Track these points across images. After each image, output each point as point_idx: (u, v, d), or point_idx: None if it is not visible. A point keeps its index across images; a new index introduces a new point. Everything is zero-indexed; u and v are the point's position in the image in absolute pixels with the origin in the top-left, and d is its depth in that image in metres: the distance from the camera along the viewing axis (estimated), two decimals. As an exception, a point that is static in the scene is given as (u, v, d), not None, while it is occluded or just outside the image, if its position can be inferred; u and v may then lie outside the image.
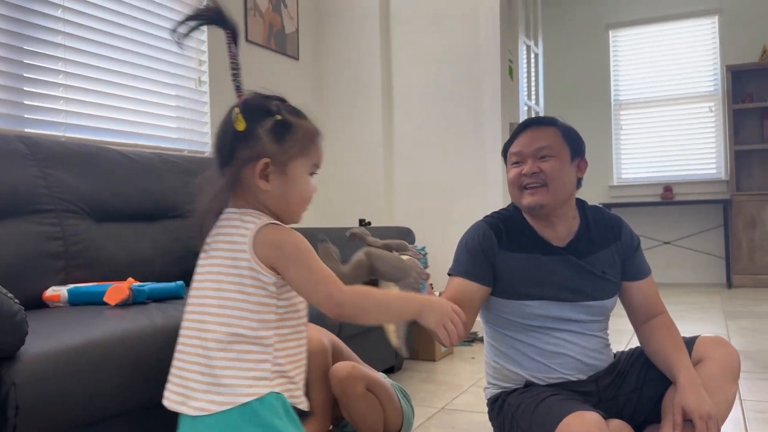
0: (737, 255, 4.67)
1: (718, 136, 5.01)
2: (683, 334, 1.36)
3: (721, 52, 4.94)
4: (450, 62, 3.10)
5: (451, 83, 3.10)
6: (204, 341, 0.91)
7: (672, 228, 5.13)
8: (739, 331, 3.04)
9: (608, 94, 5.37)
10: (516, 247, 1.40)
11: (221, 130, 0.97)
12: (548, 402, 1.29)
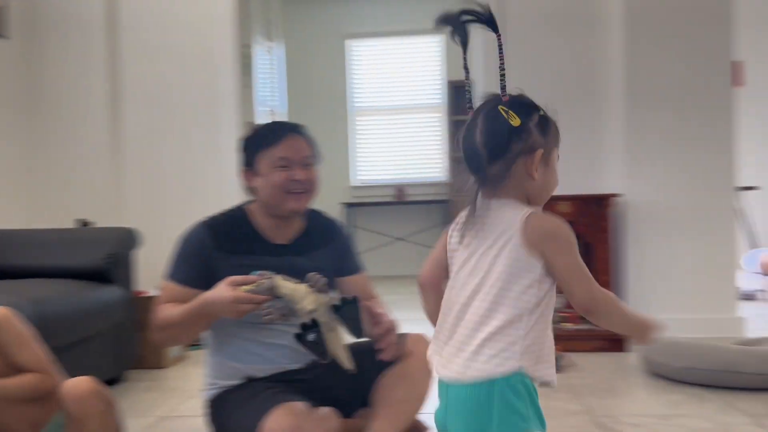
0: (456, 249, 5.32)
1: (443, 143, 5.63)
2: (407, 320, 1.50)
3: (446, 67, 5.56)
4: (182, 61, 3.04)
5: (184, 82, 3.05)
6: (468, 315, 0.95)
7: (404, 225, 5.63)
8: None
9: (347, 101, 5.70)
10: (236, 249, 1.42)
11: (492, 127, 0.96)
12: (262, 396, 1.33)
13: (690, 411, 1.81)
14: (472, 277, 0.96)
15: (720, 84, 2.81)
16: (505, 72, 1.02)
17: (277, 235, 1.46)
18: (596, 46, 2.94)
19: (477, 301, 0.94)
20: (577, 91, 2.95)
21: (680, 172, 2.80)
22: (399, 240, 5.62)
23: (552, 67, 2.95)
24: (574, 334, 2.60)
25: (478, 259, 0.96)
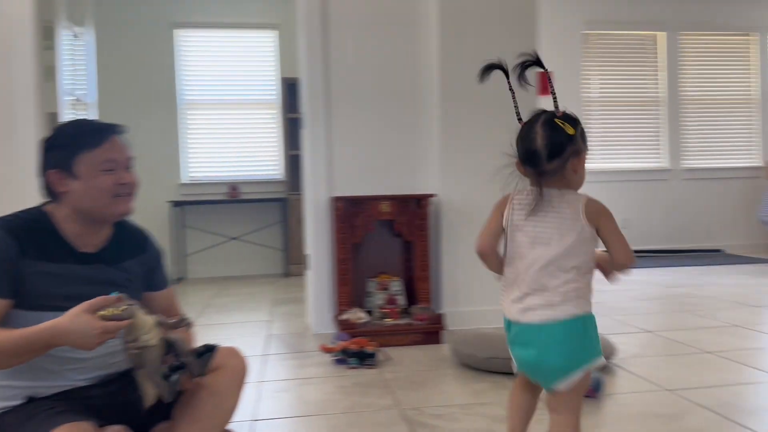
0: (292, 247, 5.28)
1: (279, 140, 5.56)
2: (234, 322, 1.43)
3: (280, 64, 5.49)
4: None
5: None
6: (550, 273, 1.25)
7: (239, 224, 5.47)
8: (280, 316, 3.42)
9: (175, 93, 5.41)
10: (42, 255, 1.27)
11: (552, 135, 1.27)
12: (41, 416, 1.20)
13: (491, 399, 1.92)
14: (550, 245, 1.26)
15: (527, 92, 3.03)
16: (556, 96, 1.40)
17: (84, 242, 1.34)
18: (414, 51, 3.05)
19: (558, 261, 1.24)
20: (396, 94, 3.04)
21: (489, 172, 2.98)
22: (233, 240, 5.46)
23: (372, 69, 3.01)
24: (392, 329, 2.67)
25: (552, 232, 1.26)
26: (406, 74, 3.04)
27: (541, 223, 1.28)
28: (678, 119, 6.46)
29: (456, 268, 2.97)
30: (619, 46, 6.43)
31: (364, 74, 3.01)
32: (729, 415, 1.70)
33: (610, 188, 6.41)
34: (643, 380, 2.06)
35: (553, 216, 1.27)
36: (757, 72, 6.62)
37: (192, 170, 5.49)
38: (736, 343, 2.51)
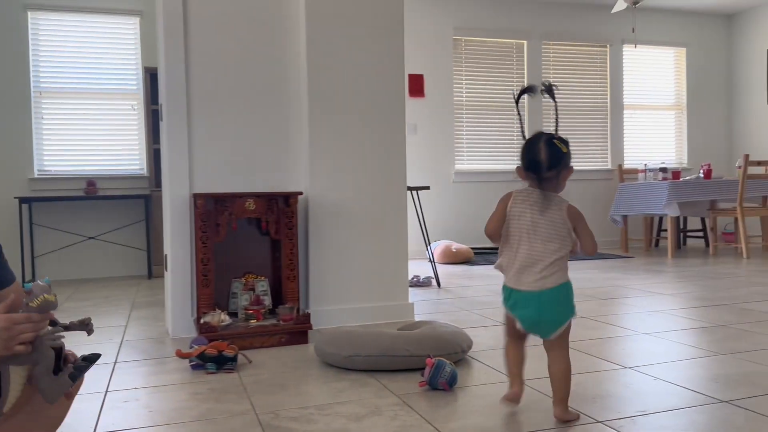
0: (157, 247, 5.00)
1: (141, 134, 5.25)
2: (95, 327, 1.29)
3: (142, 53, 5.19)
4: None
5: None
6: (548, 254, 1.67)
7: (97, 223, 5.11)
8: (138, 321, 3.22)
9: (28, 81, 4.96)
10: None
11: (552, 151, 1.67)
12: None
13: (351, 397, 1.91)
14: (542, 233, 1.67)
15: (395, 93, 3.06)
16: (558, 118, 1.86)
17: None
18: (282, 47, 2.98)
19: (549, 245, 1.66)
20: (263, 90, 2.96)
21: (358, 172, 2.99)
22: (90, 239, 5.08)
23: (237, 63, 2.91)
24: (257, 330, 2.59)
25: (546, 224, 1.67)
26: (273, 70, 2.97)
27: (540, 215, 1.68)
28: (540, 123, 6.84)
29: (324, 267, 2.94)
30: (487, 52, 6.71)
31: (229, 67, 2.90)
32: (572, 403, 1.80)
33: (479, 188, 6.68)
34: (495, 372, 2.15)
35: (547, 210, 1.69)
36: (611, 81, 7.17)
37: (46, 164, 5.05)
38: (584, 334, 2.69)
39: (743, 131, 7.36)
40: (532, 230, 1.68)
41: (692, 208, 6.03)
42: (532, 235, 1.68)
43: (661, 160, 7.27)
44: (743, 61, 7.33)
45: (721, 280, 4.19)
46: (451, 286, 4.29)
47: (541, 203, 1.68)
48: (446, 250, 5.71)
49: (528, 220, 1.68)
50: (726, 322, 2.85)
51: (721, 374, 2.05)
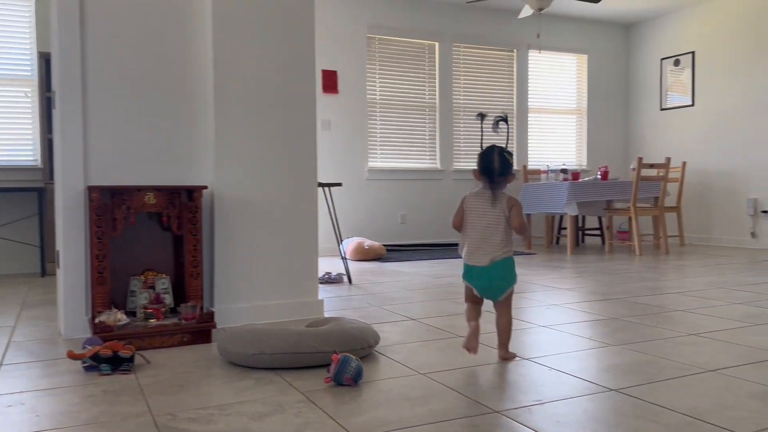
0: (50, 243, 4.71)
1: (35, 122, 4.92)
2: None
3: (38, 37, 4.86)
4: None
5: None
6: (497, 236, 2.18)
7: (-17, 217, 4.75)
8: (28, 321, 3.01)
9: None
10: None
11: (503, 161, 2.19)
12: None
13: (254, 396, 1.87)
14: (492, 220, 2.17)
15: (306, 88, 3.03)
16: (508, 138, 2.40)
17: None
18: (187, 38, 2.88)
19: (497, 230, 2.16)
20: (167, 81, 2.85)
21: (267, 167, 2.94)
22: (-25, 234, 4.71)
23: (139, 50, 2.78)
24: (157, 330, 2.49)
25: (495, 213, 2.17)
26: (177, 59, 2.86)
27: (491, 208, 2.20)
28: (451, 124, 6.99)
29: (230, 264, 2.87)
30: (400, 51, 6.78)
31: (129, 54, 2.77)
32: (471, 395, 1.85)
33: (389, 186, 6.74)
34: (401, 366, 2.17)
35: (495, 207, 2.20)
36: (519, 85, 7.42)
37: None
38: (485, 327, 2.77)
39: (638, 135, 7.84)
40: (485, 220, 2.20)
41: (590, 208, 6.36)
42: (484, 224, 2.20)
43: (563, 161, 7.62)
44: (639, 69, 7.81)
45: (615, 276, 4.45)
46: (362, 282, 4.30)
47: (492, 199, 2.21)
48: (359, 247, 5.72)
49: (481, 212, 2.21)
50: (618, 315, 3.02)
51: (612, 364, 2.17)
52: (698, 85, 7.06)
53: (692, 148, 7.12)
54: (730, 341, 2.47)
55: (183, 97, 2.88)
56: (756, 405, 1.73)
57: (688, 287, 3.87)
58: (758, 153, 6.45)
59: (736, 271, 4.60)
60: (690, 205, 7.14)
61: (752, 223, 6.51)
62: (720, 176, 6.83)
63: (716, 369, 2.09)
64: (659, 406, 1.73)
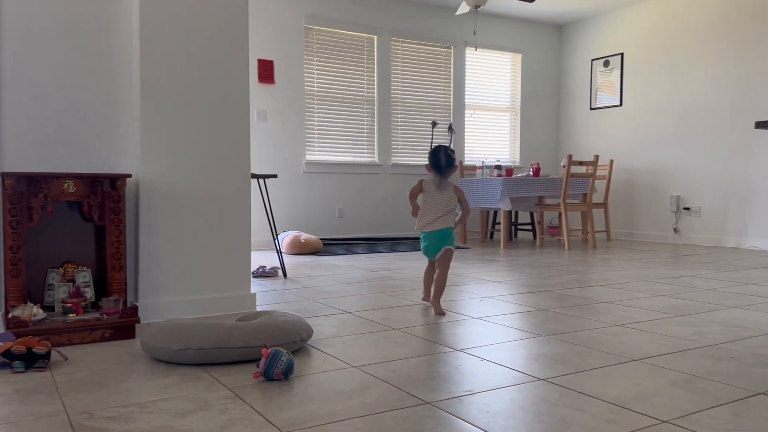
0: (-38, 235, 4.41)
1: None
2: None
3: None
4: None
5: None
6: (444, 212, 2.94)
7: None
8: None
9: None
10: None
11: (449, 156, 2.90)
12: None
13: (177, 393, 1.80)
14: (441, 201, 2.92)
15: (238, 77, 2.94)
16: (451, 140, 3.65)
17: None
18: (113, 18, 2.74)
19: (444, 207, 2.92)
20: (90, 61, 2.70)
21: (196, 156, 2.84)
22: None
23: (60, 32, 2.63)
24: (76, 324, 2.36)
25: (443, 196, 2.93)
26: (102, 39, 2.72)
27: (440, 193, 2.95)
28: (389, 118, 7.00)
29: (156, 256, 2.75)
30: (339, 43, 6.73)
31: (49, 32, 2.61)
32: (403, 387, 1.83)
33: (327, 179, 6.69)
34: (334, 359, 2.14)
35: (445, 191, 2.95)
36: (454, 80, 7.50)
37: None
38: (420, 319, 2.77)
39: (568, 134, 8.07)
40: (435, 201, 2.97)
41: (522, 203, 6.50)
42: (435, 203, 2.96)
43: (497, 158, 7.76)
44: (571, 69, 8.04)
45: (545, 269, 4.56)
46: (297, 276, 4.24)
47: (439, 186, 2.98)
48: (295, 240, 5.64)
49: (433, 195, 2.97)
50: (547, 307, 3.09)
51: (540, 354, 2.21)
52: (626, 86, 7.32)
53: (620, 147, 7.39)
54: (653, 331, 2.56)
55: (108, 81, 2.74)
56: (677, 392, 1.79)
57: (614, 280, 4.00)
58: (682, 152, 6.75)
59: (659, 265, 4.80)
60: (617, 202, 7.41)
61: (675, 219, 6.82)
62: (645, 174, 7.12)
63: (640, 358, 2.16)
64: (586, 394, 1.77)
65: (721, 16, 6.32)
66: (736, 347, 2.30)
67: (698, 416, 1.59)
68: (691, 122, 6.64)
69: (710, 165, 6.47)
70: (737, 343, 2.36)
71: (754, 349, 2.27)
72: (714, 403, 1.70)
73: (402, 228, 7.03)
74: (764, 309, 3.03)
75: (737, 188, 6.24)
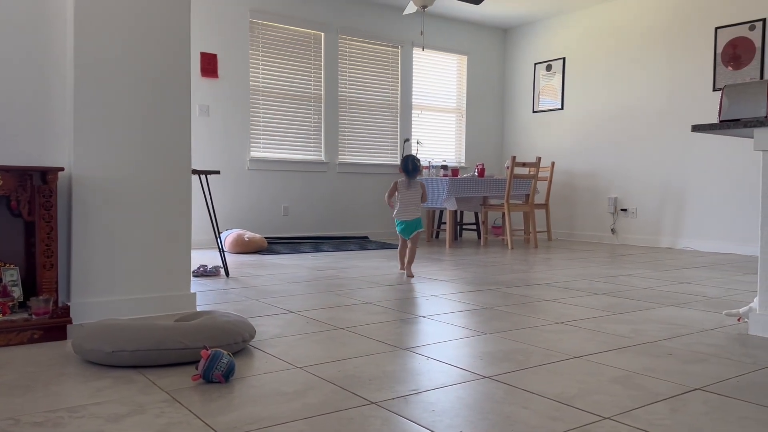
0: None
1: None
2: None
3: None
4: None
5: None
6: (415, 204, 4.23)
7: None
8: None
9: None
10: None
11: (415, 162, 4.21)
12: None
13: (111, 397, 1.71)
14: (411, 196, 4.22)
15: (179, 70, 2.84)
16: None
17: None
18: (45, 6, 2.61)
19: (414, 201, 4.22)
20: (20, 49, 2.56)
21: (133, 150, 2.73)
22: None
23: None
24: (2, 325, 2.23)
25: (412, 192, 4.22)
26: (32, 27, 2.58)
27: (409, 191, 4.19)
28: (336, 117, 6.95)
29: (90, 254, 2.63)
30: (285, 39, 6.63)
31: (-29, 16, 2.45)
32: (348, 387, 1.80)
33: (272, 177, 6.59)
34: (277, 360, 2.09)
35: (413, 188, 4.19)
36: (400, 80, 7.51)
37: None
38: (366, 319, 2.75)
39: (512, 135, 8.21)
40: (407, 196, 4.19)
41: (468, 203, 6.57)
42: (407, 198, 4.19)
43: (443, 158, 7.82)
44: (515, 72, 8.18)
45: (489, 268, 4.61)
46: (240, 275, 4.14)
47: (409, 186, 4.20)
48: (238, 238, 5.53)
49: (405, 192, 4.19)
50: (491, 305, 3.12)
51: (485, 352, 2.22)
52: (567, 90, 7.51)
53: (561, 149, 7.56)
54: (594, 329, 2.62)
55: (40, 70, 2.60)
56: (617, 389, 1.82)
57: (555, 279, 4.08)
58: (619, 155, 6.97)
59: (598, 265, 4.93)
60: (557, 203, 7.59)
61: (612, 220, 7.03)
62: (585, 176, 7.31)
63: (581, 355, 2.19)
64: (529, 391, 1.78)
65: (655, 25, 6.56)
66: (673, 344, 2.37)
67: (638, 412, 1.63)
68: (628, 126, 6.86)
69: (646, 168, 6.70)
70: (674, 341, 2.43)
71: (690, 346, 2.35)
72: (652, 399, 1.74)
73: (349, 227, 6.99)
74: (698, 307, 3.14)
75: (672, 190, 6.48)
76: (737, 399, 1.74)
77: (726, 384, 1.87)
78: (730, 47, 5.96)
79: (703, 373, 1.98)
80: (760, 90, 2.57)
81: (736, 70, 5.93)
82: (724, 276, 4.32)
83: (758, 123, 2.50)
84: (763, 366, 2.08)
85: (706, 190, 6.19)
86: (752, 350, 2.29)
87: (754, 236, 5.84)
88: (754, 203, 5.84)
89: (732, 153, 6.00)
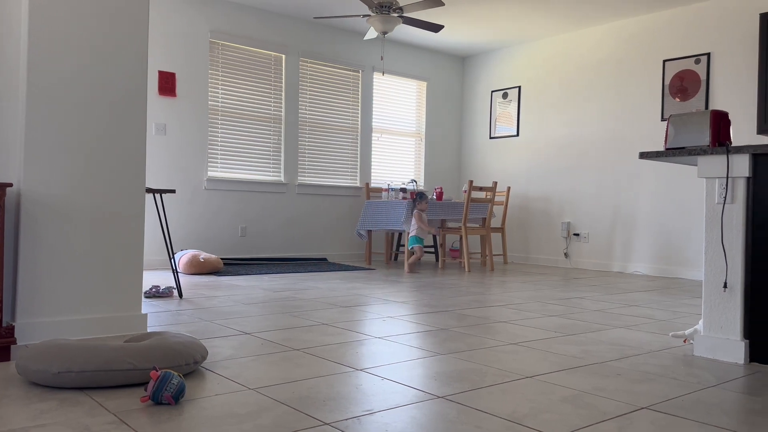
0: None
1: None
2: None
3: None
4: None
5: None
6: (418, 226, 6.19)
7: None
8: None
9: None
10: None
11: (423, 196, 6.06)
12: None
13: (54, 419, 1.66)
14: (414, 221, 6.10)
15: (135, 88, 2.81)
16: None
17: None
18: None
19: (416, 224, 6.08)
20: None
21: (86, 167, 2.67)
22: None
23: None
24: (-61, 348, 2.14)
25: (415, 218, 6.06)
26: (-18, 37, 2.52)
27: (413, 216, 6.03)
28: (296, 138, 6.95)
29: (38, 273, 2.55)
30: (245, 60, 6.63)
31: None
32: (302, 408, 1.79)
33: (230, 197, 6.53)
34: (229, 381, 2.05)
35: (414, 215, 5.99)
36: (360, 104, 7.57)
37: None
38: (322, 340, 2.73)
39: (470, 160, 8.35)
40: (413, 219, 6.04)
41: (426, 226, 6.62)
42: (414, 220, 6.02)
43: (402, 181, 7.88)
44: (472, 99, 8.35)
45: (446, 290, 4.65)
46: (194, 296, 4.07)
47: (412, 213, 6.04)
48: (193, 259, 5.43)
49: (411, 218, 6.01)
50: (447, 326, 3.14)
51: (439, 372, 2.23)
52: (523, 118, 7.69)
53: (516, 175, 7.72)
54: (545, 350, 2.66)
55: (-12, 83, 2.54)
56: (567, 408, 1.86)
57: (510, 301, 4.14)
58: (572, 181, 7.15)
59: (551, 287, 5.02)
60: (513, 227, 7.72)
61: (566, 245, 7.18)
62: (539, 201, 7.47)
63: (533, 375, 2.23)
64: (482, 411, 1.80)
65: (607, 57, 6.81)
66: (622, 365, 2.43)
67: (587, 431, 1.66)
68: (581, 153, 7.06)
69: (598, 194, 6.90)
70: (622, 361, 2.49)
71: (638, 366, 2.41)
72: (601, 417, 1.77)
73: (308, 248, 6.96)
74: (647, 329, 3.23)
75: (622, 216, 6.67)
76: (683, 417, 1.79)
77: (672, 403, 1.93)
78: (677, 79, 6.22)
79: (650, 393, 2.04)
80: (704, 120, 2.69)
81: (683, 101, 6.19)
82: (672, 299, 4.45)
83: (701, 151, 2.61)
84: (708, 385, 2.15)
85: (655, 215, 6.39)
86: (697, 370, 2.36)
87: (700, 261, 6.05)
88: (700, 229, 6.06)
89: (678, 180, 6.23)
